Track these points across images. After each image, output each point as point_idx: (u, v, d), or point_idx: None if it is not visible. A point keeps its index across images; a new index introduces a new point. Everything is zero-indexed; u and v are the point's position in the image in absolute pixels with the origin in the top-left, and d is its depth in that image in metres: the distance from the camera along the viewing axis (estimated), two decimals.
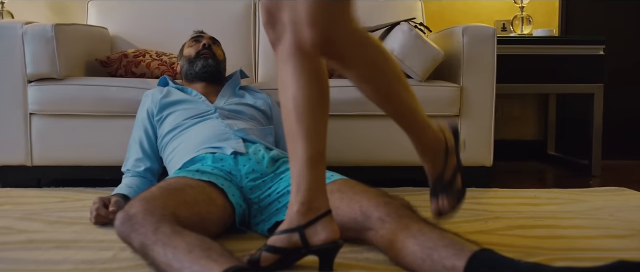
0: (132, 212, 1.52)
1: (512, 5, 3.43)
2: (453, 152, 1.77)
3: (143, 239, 1.46)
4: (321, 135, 1.48)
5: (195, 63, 2.38)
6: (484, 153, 2.61)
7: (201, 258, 1.34)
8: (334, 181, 1.76)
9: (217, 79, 2.38)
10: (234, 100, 2.30)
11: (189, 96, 2.28)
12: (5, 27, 2.52)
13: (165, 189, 1.67)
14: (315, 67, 1.44)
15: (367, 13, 3.17)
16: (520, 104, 3.53)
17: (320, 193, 1.43)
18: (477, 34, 2.55)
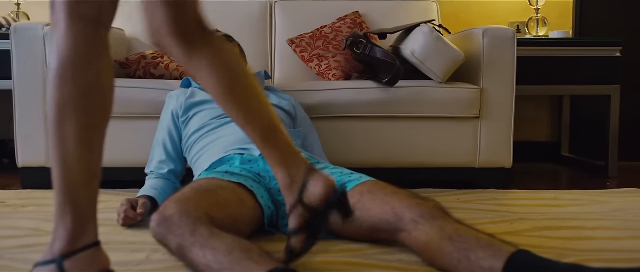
0: (168, 214, 1.52)
1: (526, 7, 3.44)
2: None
3: (180, 241, 1.46)
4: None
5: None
6: (504, 155, 2.61)
7: (242, 259, 1.34)
8: (363, 182, 1.77)
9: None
10: None
11: None
12: (27, 29, 2.53)
13: (197, 190, 1.68)
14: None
15: (383, 15, 3.18)
16: (535, 105, 3.54)
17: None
18: (497, 36, 2.56)
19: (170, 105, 2.28)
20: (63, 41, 1.23)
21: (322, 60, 2.91)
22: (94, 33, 1.27)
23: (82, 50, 1.24)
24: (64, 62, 1.22)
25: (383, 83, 2.51)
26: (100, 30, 1.29)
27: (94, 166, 1.26)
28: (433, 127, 2.58)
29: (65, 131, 1.22)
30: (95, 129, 1.27)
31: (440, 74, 2.53)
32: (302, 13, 3.19)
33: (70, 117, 1.22)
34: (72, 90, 1.22)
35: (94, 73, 1.26)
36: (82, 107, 1.23)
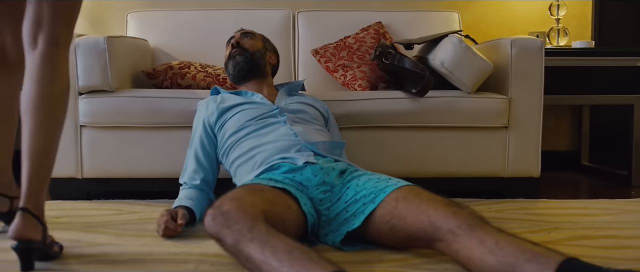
0: (224, 209, 1.54)
1: (545, 17, 3.46)
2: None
3: (238, 236, 1.47)
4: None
5: (228, 66, 2.42)
6: (532, 164, 2.62)
7: (302, 260, 1.36)
8: (399, 187, 1.77)
9: (253, 70, 2.38)
10: (295, 99, 2.31)
11: (246, 98, 2.29)
12: None
13: (249, 189, 1.71)
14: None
15: (405, 25, 3.20)
16: (555, 115, 3.55)
17: None
18: (525, 46, 2.57)
19: (201, 114, 2.29)
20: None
21: (347, 70, 2.92)
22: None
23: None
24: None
25: (413, 93, 2.52)
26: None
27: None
28: (462, 137, 2.59)
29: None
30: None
31: (469, 84, 2.54)
32: (324, 23, 3.20)
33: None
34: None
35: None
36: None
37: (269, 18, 3.20)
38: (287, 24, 3.20)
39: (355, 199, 1.81)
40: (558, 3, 3.35)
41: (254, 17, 3.18)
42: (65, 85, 1.72)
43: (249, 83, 2.39)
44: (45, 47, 1.69)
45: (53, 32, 1.70)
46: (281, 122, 2.13)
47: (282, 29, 3.18)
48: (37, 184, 1.62)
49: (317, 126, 2.20)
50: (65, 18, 1.73)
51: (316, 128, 2.17)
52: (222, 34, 3.02)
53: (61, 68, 1.71)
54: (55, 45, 1.70)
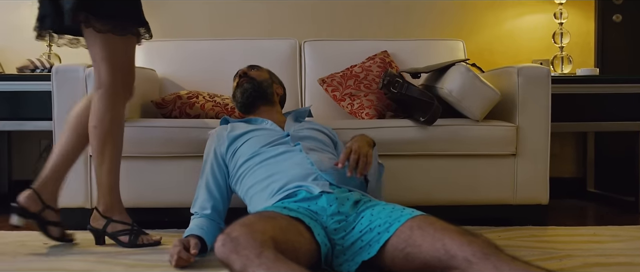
0: (234, 235, 1.55)
1: (549, 45, 3.49)
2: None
3: (245, 261, 1.48)
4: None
5: (236, 95, 2.45)
6: (541, 191, 2.63)
7: None
8: (413, 217, 1.78)
9: (261, 96, 2.42)
10: (304, 125, 2.33)
11: (255, 125, 2.31)
12: (68, 70, 2.56)
13: (261, 216, 1.72)
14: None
15: (410, 54, 3.23)
16: (560, 142, 3.57)
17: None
18: (531, 75, 2.60)
19: (212, 144, 2.30)
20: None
21: (354, 99, 2.94)
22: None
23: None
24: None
25: (421, 122, 2.54)
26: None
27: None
28: (470, 165, 2.60)
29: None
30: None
31: (477, 113, 2.56)
32: (330, 52, 3.23)
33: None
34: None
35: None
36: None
37: (275, 48, 3.23)
38: (294, 53, 3.23)
39: (370, 228, 1.82)
40: (561, 31, 3.39)
41: (260, 47, 3.21)
42: (97, 122, 2.18)
43: (258, 110, 2.42)
44: (93, 85, 2.21)
45: (96, 72, 2.19)
46: (296, 150, 2.14)
47: (288, 59, 3.21)
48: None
49: (329, 154, 2.21)
50: (106, 61, 2.16)
51: (329, 156, 2.18)
52: (230, 64, 3.06)
53: (95, 106, 2.19)
54: (98, 85, 2.18)
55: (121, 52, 2.17)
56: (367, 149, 2.05)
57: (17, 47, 3.43)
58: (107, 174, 2.23)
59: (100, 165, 2.22)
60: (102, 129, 2.18)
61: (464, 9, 3.58)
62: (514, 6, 3.59)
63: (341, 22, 3.55)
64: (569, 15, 3.43)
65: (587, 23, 3.64)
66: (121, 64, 2.19)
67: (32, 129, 2.98)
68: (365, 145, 2.07)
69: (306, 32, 3.43)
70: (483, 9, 3.59)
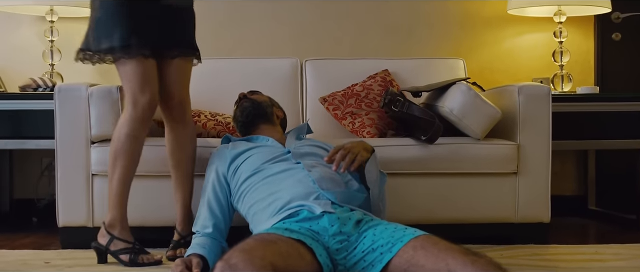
0: (232, 262, 1.55)
1: (549, 63, 3.51)
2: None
3: None
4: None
5: (236, 114, 2.50)
6: (542, 210, 2.64)
7: None
8: (416, 237, 1.78)
9: (261, 115, 2.45)
10: (304, 142, 2.34)
11: (256, 143, 2.33)
12: (71, 89, 2.58)
13: (260, 241, 1.71)
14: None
15: (411, 72, 3.24)
16: (561, 159, 3.57)
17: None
18: (532, 93, 2.61)
19: (214, 163, 2.31)
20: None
21: (355, 117, 2.95)
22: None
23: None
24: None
25: (422, 140, 2.55)
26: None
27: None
28: (471, 184, 2.61)
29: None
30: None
31: (478, 131, 2.57)
32: (331, 71, 3.25)
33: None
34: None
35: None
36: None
37: (277, 67, 3.24)
38: (295, 72, 3.25)
39: (372, 248, 1.82)
40: (561, 50, 3.41)
41: (262, 66, 3.23)
42: (113, 136, 2.30)
43: (258, 129, 2.44)
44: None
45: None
46: (299, 167, 2.14)
47: (290, 78, 3.22)
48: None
49: (330, 171, 2.21)
50: (121, 81, 2.31)
51: (330, 173, 2.18)
52: (232, 83, 3.07)
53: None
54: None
55: (130, 72, 2.21)
56: (359, 149, 2.06)
57: (19, 66, 3.45)
58: (115, 188, 2.27)
59: (110, 179, 2.27)
60: (116, 143, 2.25)
61: (464, 28, 3.60)
62: (514, 25, 3.61)
63: (342, 41, 3.57)
64: (569, 34, 3.45)
65: (587, 42, 3.66)
66: (131, 83, 2.22)
67: (34, 147, 2.99)
68: (358, 146, 2.08)
69: (307, 51, 3.44)
70: (483, 28, 3.61)
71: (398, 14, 3.58)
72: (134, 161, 2.29)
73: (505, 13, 3.51)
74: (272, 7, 3.55)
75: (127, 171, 2.27)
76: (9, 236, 2.93)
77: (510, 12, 3.47)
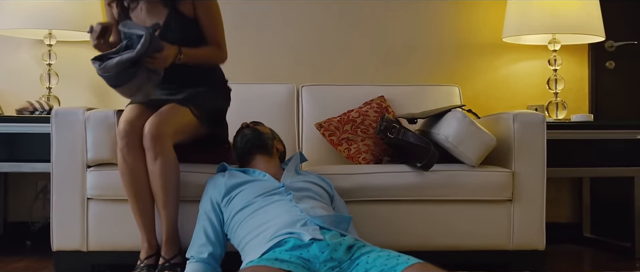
0: None
1: (544, 90, 3.53)
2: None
3: None
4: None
5: (236, 141, 2.50)
6: (537, 237, 2.65)
7: None
8: (411, 265, 1.78)
9: (260, 145, 2.46)
10: (300, 178, 2.35)
11: (252, 176, 2.33)
12: (68, 113, 2.58)
13: None
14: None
15: (407, 99, 3.25)
16: (555, 187, 3.58)
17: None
18: (527, 120, 2.63)
19: (209, 192, 2.33)
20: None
21: (351, 143, 2.96)
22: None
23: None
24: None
25: (418, 167, 2.56)
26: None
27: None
28: (467, 210, 2.61)
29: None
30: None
31: (473, 158, 2.58)
32: (328, 97, 3.26)
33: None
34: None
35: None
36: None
37: (273, 92, 3.25)
38: (292, 98, 3.26)
39: None
40: (556, 77, 3.44)
41: (258, 92, 3.24)
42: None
43: (256, 160, 2.44)
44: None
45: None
46: (286, 199, 2.15)
47: (286, 103, 3.24)
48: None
49: (322, 203, 2.22)
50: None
51: (321, 204, 2.19)
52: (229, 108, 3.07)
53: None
54: None
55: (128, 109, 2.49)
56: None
57: (16, 89, 3.46)
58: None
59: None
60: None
61: (459, 55, 3.63)
62: (509, 52, 3.65)
63: (338, 67, 3.59)
64: (563, 62, 3.48)
65: (581, 69, 3.69)
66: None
67: (29, 170, 2.99)
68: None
69: (304, 77, 3.46)
70: (478, 55, 3.64)
71: (394, 40, 3.61)
72: (132, 184, 2.38)
73: (500, 41, 3.54)
74: (269, 33, 3.58)
75: (129, 197, 2.44)
76: (2, 259, 2.92)
77: (505, 39, 3.50)
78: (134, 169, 2.39)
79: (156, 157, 2.37)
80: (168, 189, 2.38)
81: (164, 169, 2.38)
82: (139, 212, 2.42)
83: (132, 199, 2.41)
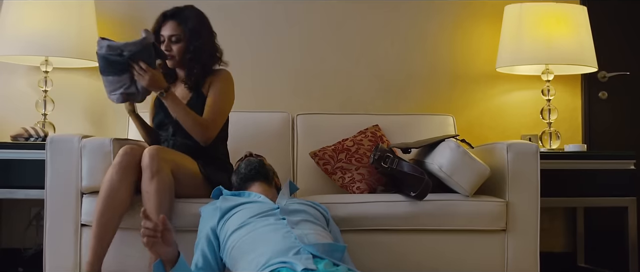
0: None
1: (537, 120, 3.55)
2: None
3: None
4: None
5: (240, 166, 2.55)
6: (531, 267, 2.64)
7: None
8: None
9: (263, 173, 2.52)
10: (296, 200, 2.37)
11: (248, 198, 2.35)
12: (63, 140, 2.59)
13: None
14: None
15: (401, 128, 3.27)
16: (549, 217, 3.59)
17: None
18: (520, 151, 2.64)
19: (206, 219, 2.33)
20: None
21: (345, 172, 2.97)
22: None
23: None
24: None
25: (412, 196, 2.57)
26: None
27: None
28: (461, 240, 2.62)
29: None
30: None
31: (467, 188, 2.59)
32: (322, 126, 3.27)
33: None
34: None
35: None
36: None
37: (268, 121, 3.26)
38: (287, 126, 3.27)
39: None
40: (549, 107, 3.46)
41: (254, 120, 3.25)
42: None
43: (255, 186, 2.47)
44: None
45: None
46: (283, 223, 2.15)
47: (281, 132, 3.25)
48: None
49: (319, 228, 2.22)
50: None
51: (317, 229, 2.19)
52: None
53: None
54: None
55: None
56: None
57: (11, 115, 3.46)
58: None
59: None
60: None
61: (454, 85, 3.66)
62: (503, 83, 3.67)
63: (333, 96, 3.61)
64: (557, 92, 3.51)
65: (574, 100, 3.72)
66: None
67: (23, 197, 2.98)
68: None
69: (299, 106, 3.48)
70: (472, 85, 3.67)
71: (389, 70, 3.64)
72: (105, 202, 2.40)
73: (494, 71, 3.57)
74: (264, 62, 3.60)
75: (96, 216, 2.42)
76: None
77: (499, 70, 3.53)
78: (115, 189, 2.40)
79: (153, 177, 2.37)
80: (161, 210, 2.36)
81: (159, 188, 2.38)
82: (97, 235, 2.39)
83: (98, 217, 2.39)
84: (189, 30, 2.67)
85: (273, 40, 3.62)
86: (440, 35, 3.67)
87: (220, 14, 2.91)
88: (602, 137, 3.71)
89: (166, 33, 2.69)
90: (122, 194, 2.41)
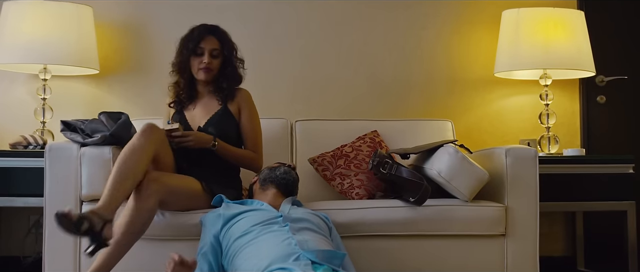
0: None
1: (536, 125, 3.56)
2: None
3: None
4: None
5: (279, 170, 2.60)
6: (531, 271, 2.64)
7: None
8: None
9: (293, 190, 2.59)
10: (299, 209, 2.37)
11: (251, 206, 2.36)
12: (62, 148, 2.59)
13: None
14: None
15: (400, 133, 3.27)
16: (549, 221, 3.59)
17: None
18: (519, 155, 2.65)
19: (209, 227, 2.34)
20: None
21: (344, 178, 2.97)
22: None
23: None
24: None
25: (410, 202, 2.57)
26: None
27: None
28: (460, 245, 2.62)
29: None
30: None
31: (466, 193, 2.60)
32: (321, 132, 3.27)
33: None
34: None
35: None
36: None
37: (267, 127, 3.23)
38: (285, 133, 3.27)
39: None
40: (547, 112, 3.47)
41: None
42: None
43: (271, 192, 2.53)
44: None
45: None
46: (284, 230, 2.16)
47: (280, 138, 3.25)
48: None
49: (320, 235, 2.23)
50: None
51: (318, 236, 2.20)
52: None
53: None
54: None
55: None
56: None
57: (10, 123, 3.46)
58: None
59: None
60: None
61: (452, 90, 3.66)
62: (501, 87, 3.68)
63: (332, 102, 3.61)
64: (555, 97, 3.51)
65: (572, 104, 3.72)
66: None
67: (22, 205, 2.99)
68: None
69: (297, 112, 3.48)
70: (471, 90, 3.67)
71: (387, 75, 3.65)
72: (125, 160, 2.32)
73: (492, 76, 3.58)
74: (262, 69, 3.60)
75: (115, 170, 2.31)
76: None
77: (497, 75, 3.54)
78: (137, 148, 2.34)
79: (137, 201, 2.33)
80: (126, 228, 2.32)
81: (136, 213, 2.33)
82: (116, 180, 2.27)
83: (120, 164, 2.30)
84: (227, 50, 2.80)
85: (272, 47, 3.63)
86: (438, 41, 3.67)
87: (219, 21, 2.92)
88: (601, 141, 3.72)
89: (208, 47, 2.76)
90: (145, 153, 2.35)
